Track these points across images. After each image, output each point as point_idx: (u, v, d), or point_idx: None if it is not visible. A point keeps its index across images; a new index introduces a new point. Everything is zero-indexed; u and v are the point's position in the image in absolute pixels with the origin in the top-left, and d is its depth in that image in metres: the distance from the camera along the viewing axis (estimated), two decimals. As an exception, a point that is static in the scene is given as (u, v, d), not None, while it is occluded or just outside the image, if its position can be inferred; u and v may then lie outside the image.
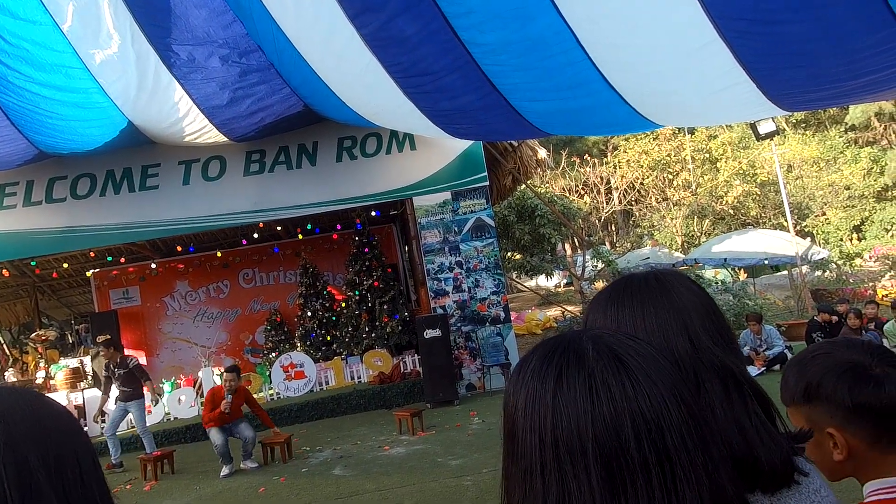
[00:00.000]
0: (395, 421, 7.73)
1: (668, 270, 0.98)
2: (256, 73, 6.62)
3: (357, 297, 12.27)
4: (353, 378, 10.77)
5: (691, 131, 21.51)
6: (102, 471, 0.73)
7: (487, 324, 9.83)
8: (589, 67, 5.01)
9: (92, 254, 12.50)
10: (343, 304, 12.66)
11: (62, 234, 9.32)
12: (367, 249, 12.37)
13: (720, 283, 13.57)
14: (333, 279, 13.51)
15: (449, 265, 9.92)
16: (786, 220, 16.00)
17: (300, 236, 13.20)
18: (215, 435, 6.77)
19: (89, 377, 12.05)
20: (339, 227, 13.08)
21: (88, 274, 13.71)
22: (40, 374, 12.29)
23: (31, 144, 7.18)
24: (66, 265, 13.16)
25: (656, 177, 21.65)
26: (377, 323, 12.00)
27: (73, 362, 12.78)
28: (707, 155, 22.24)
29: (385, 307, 12.00)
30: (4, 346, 16.17)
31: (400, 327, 11.83)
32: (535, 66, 5.14)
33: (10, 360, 14.52)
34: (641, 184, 21.95)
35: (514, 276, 18.55)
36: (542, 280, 20.56)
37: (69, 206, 9.34)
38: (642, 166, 21.44)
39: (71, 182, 9.33)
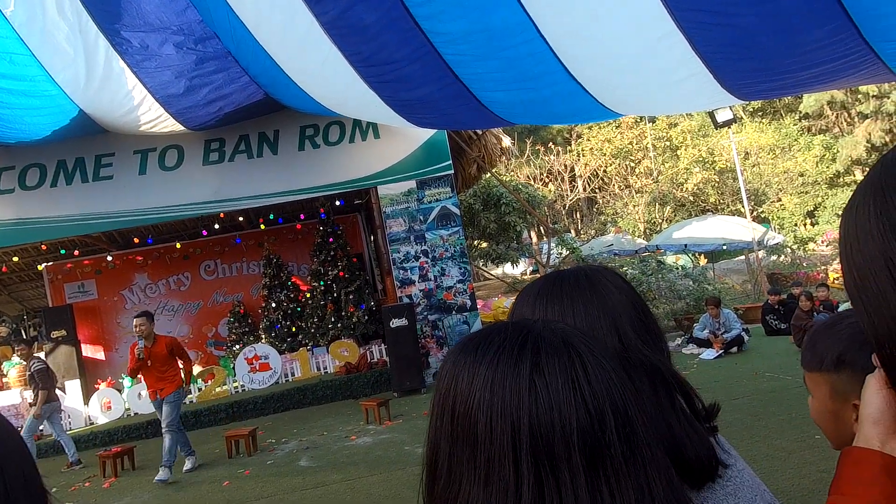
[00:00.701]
0: (361, 411, 7.72)
1: (598, 267, 0.97)
2: (213, 60, 6.45)
3: (322, 288, 12.16)
4: (319, 369, 10.71)
5: (652, 120, 21.86)
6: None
7: (454, 312, 9.87)
8: (550, 58, 5.03)
9: (44, 247, 12.06)
10: (308, 295, 12.54)
11: (11, 226, 8.98)
12: (331, 239, 12.25)
13: (681, 268, 13.89)
14: (298, 269, 13.35)
15: (415, 254, 9.91)
16: (743, 207, 16.44)
17: (263, 226, 12.99)
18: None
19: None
20: (302, 216, 12.92)
21: (40, 268, 13.25)
22: (-8, 372, 11.87)
23: (-25, 134, 6.88)
24: (15, 258, 12.68)
25: (619, 165, 21.98)
26: (343, 313, 11.93)
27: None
28: (668, 143, 22.66)
29: (351, 297, 11.93)
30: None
31: (366, 317, 11.79)
32: (497, 56, 5.14)
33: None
34: (604, 171, 22.26)
35: (481, 264, 18.65)
36: (508, 268, 20.72)
37: (17, 197, 9.00)
38: (605, 154, 21.73)
39: (19, 172, 8.98)
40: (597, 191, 23.54)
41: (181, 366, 6.65)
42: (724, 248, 15.26)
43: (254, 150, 9.48)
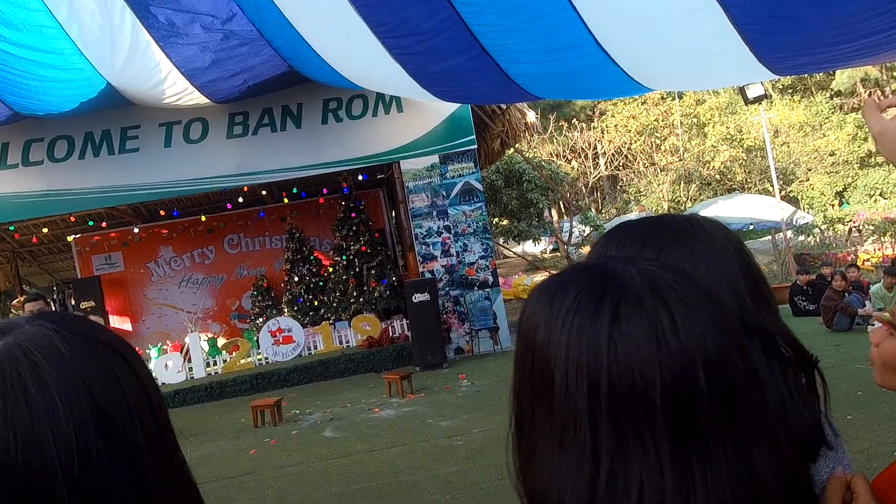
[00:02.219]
0: (384, 384, 7.80)
1: (706, 218, 0.86)
2: (239, 35, 6.42)
3: (344, 262, 12.23)
4: (341, 342, 10.82)
5: (680, 96, 21.41)
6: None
7: (476, 288, 9.88)
8: (580, 29, 4.91)
9: (72, 218, 12.27)
10: (330, 270, 12.63)
11: (40, 198, 9.13)
12: (353, 214, 12.28)
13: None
14: (320, 244, 13.43)
15: (437, 229, 9.89)
16: (771, 186, 16.11)
17: (286, 200, 13.05)
18: None
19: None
20: (325, 191, 12.94)
21: (69, 239, 13.50)
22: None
23: (5, 105, 6.95)
24: (45, 230, 12.93)
25: (644, 142, 21.64)
26: (365, 288, 12.00)
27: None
28: (695, 120, 22.20)
29: (373, 272, 11.99)
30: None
31: (388, 292, 11.85)
32: (525, 27, 5.03)
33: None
34: (629, 149, 21.93)
35: (501, 241, 18.59)
36: (528, 246, 20.63)
37: (46, 169, 9.13)
38: (630, 131, 21.39)
39: (48, 144, 9.10)
40: (620, 168, 23.23)
41: None
42: (752, 227, 15.01)
43: (277, 124, 9.48)
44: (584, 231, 15.13)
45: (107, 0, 5.57)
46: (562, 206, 23.29)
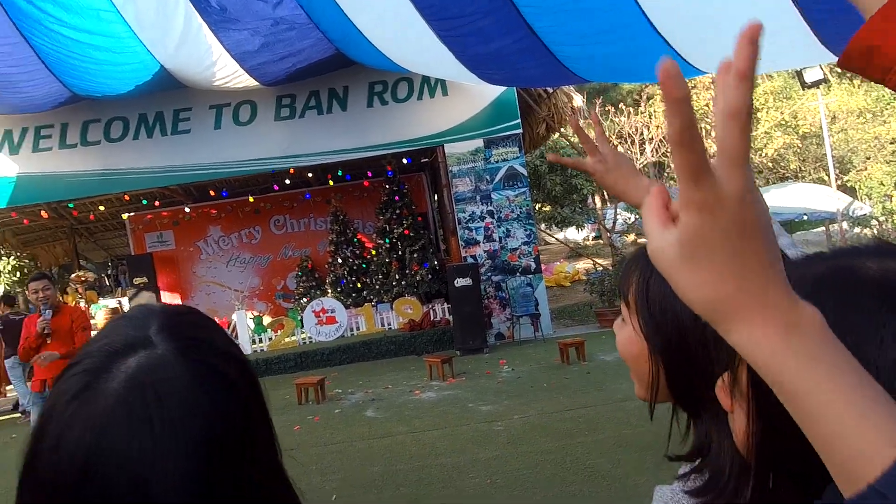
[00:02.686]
0: (425, 367, 7.87)
1: None
2: (287, 19, 6.48)
3: (387, 245, 12.33)
4: (383, 324, 10.95)
5: (732, 79, 20.64)
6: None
7: (518, 274, 9.82)
8: (632, 8, 4.78)
9: (126, 197, 12.71)
10: (373, 252, 12.76)
11: (97, 176, 9.47)
12: (397, 197, 12.34)
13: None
14: (363, 227, 13.56)
15: (480, 214, 9.86)
16: (827, 174, 15.45)
17: (331, 183, 13.20)
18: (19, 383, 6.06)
19: (128, 317, 12.47)
20: (370, 174, 13.03)
21: (124, 217, 13.99)
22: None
23: (65, 87, 7.21)
24: (101, 208, 13.44)
25: (693, 127, 21.00)
26: (407, 271, 12.08)
27: (111, 303, 13.26)
28: (748, 105, 21.39)
29: (415, 255, 12.05)
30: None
31: (430, 276, 11.91)
32: (576, 6, 4.92)
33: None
34: (677, 134, 21.32)
35: (543, 227, 18.41)
36: (570, 233, 20.38)
37: (103, 149, 9.45)
38: (679, 116, 20.77)
39: (104, 125, 9.41)
40: (667, 155, 22.63)
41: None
42: (805, 217, 14.44)
43: (324, 107, 9.56)
44: (628, 218, 14.83)
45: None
46: (605, 192, 22.87)
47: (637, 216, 13.40)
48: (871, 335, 0.46)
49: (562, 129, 11.24)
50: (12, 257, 15.62)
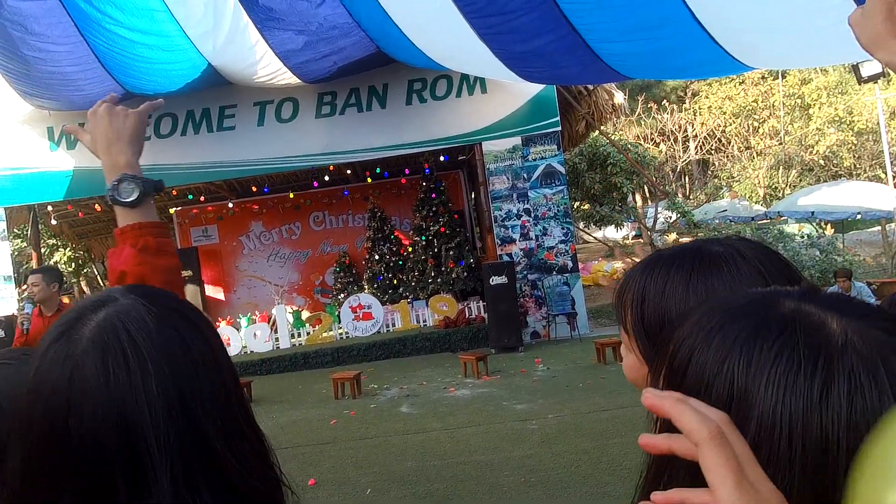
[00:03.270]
0: (460, 364, 7.89)
1: (746, 241, 0.78)
2: (330, 18, 6.57)
3: (423, 243, 12.39)
4: (418, 321, 11.02)
5: (783, 75, 19.99)
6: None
7: (554, 273, 9.75)
8: (677, 4, 4.68)
9: (174, 192, 13.10)
10: (410, 249, 12.84)
11: (147, 171, 9.68)
12: (434, 195, 12.39)
13: (805, 237, 12.83)
14: (400, 224, 13.67)
15: (517, 212, 9.81)
16: (884, 172, 14.82)
17: (369, 180, 13.34)
18: None
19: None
20: (407, 171, 13.12)
21: (171, 211, 14.42)
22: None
23: (119, 85, 7.47)
24: (151, 203, 13.86)
25: (740, 124, 20.40)
26: (443, 268, 12.13)
27: (159, 295, 13.68)
28: (799, 101, 20.68)
29: (451, 253, 12.08)
30: (98, 277, 17.47)
31: (465, 273, 11.92)
32: (618, 3, 4.85)
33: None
34: (723, 132, 20.76)
35: (581, 225, 18.20)
36: (609, 231, 20.09)
37: (152, 144, 9.75)
38: (725, 113, 20.22)
39: (155, 121, 9.71)
40: (712, 152, 22.07)
41: None
42: (859, 216, 13.87)
43: (363, 104, 9.67)
44: (670, 217, 14.52)
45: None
46: (646, 190, 22.47)
47: (679, 215, 13.13)
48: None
49: (602, 127, 11.09)
50: (68, 248, 16.30)
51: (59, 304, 4.47)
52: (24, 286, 4.57)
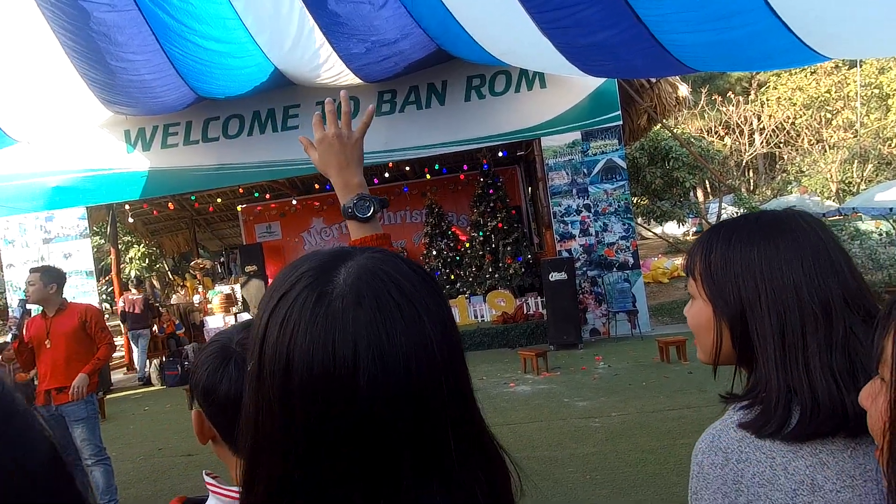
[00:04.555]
0: (519, 360, 7.89)
1: (801, 212, 0.94)
2: (391, 19, 6.67)
3: (481, 238, 12.42)
4: (476, 317, 11.06)
5: (859, 64, 18.94)
6: None
7: (615, 269, 9.60)
8: (751, -8, 4.53)
9: (241, 190, 13.60)
10: (467, 245, 12.90)
11: (216, 170, 10.21)
12: (491, 191, 12.40)
13: (883, 234, 12.15)
14: (457, 220, 13.74)
15: (576, 208, 9.71)
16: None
17: (427, 176, 13.46)
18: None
19: (239, 303, 13.39)
20: (465, 167, 13.17)
21: (239, 209, 14.98)
22: (197, 298, 13.84)
23: (192, 90, 7.83)
24: (219, 200, 14.46)
25: (811, 116, 19.47)
26: (500, 264, 12.13)
27: (225, 289, 14.25)
28: (876, 91, 19.56)
29: (509, 249, 12.07)
30: (168, 273, 18.32)
31: (523, 269, 11.89)
32: (690, -7, 4.73)
33: (174, 285, 16.45)
34: (792, 124, 19.86)
35: (640, 221, 17.80)
36: (668, 227, 19.58)
37: (220, 145, 10.17)
38: (795, 104, 19.33)
39: (223, 123, 10.11)
40: (780, 145, 21.15)
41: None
42: (942, 213, 13.02)
43: (422, 101, 9.77)
44: (735, 213, 14.05)
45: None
46: (708, 185, 21.76)
47: (745, 210, 12.66)
48: None
49: (664, 121, 10.82)
50: (142, 245, 17.15)
51: (60, 304, 4.18)
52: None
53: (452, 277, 12.83)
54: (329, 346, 0.53)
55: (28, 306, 4.07)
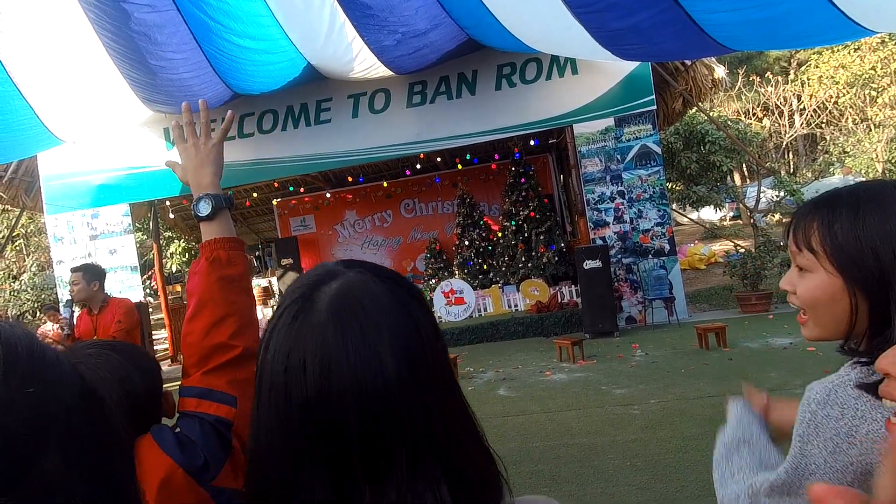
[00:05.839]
0: (554, 348, 7.87)
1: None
2: (423, 9, 6.68)
3: (513, 228, 12.39)
4: (510, 306, 11.06)
5: (906, 37, 18.17)
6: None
7: (650, 256, 9.48)
8: (793, -33, 4.40)
9: (276, 184, 13.81)
10: (499, 234, 12.88)
11: (251, 166, 10.39)
12: (523, 180, 12.35)
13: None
14: (489, 209, 13.72)
15: (610, 195, 9.60)
16: None
17: (459, 166, 13.47)
18: None
19: (276, 295, 13.65)
20: (496, 156, 13.13)
21: (274, 202, 15.23)
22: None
23: (228, 87, 7.98)
24: (255, 194, 14.72)
25: (855, 94, 18.78)
26: (533, 253, 12.08)
27: (262, 282, 14.54)
28: (925, 65, 18.72)
29: (541, 237, 12.02)
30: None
31: (556, 258, 11.83)
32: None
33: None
34: (834, 103, 19.20)
35: (675, 207, 17.48)
36: (704, 212, 19.18)
37: (256, 140, 10.34)
38: (838, 83, 18.67)
39: (258, 118, 10.28)
40: (822, 126, 20.47)
41: None
42: None
43: (453, 92, 9.76)
44: (776, 196, 13.67)
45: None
46: (745, 169, 21.21)
47: (787, 193, 12.33)
48: None
49: (700, 104, 10.58)
50: (182, 240, 17.59)
51: (104, 301, 4.29)
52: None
53: (485, 267, 12.84)
54: (286, 355, 0.64)
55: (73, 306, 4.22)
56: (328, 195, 14.56)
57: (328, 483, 0.62)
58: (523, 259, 12.22)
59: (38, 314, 16.91)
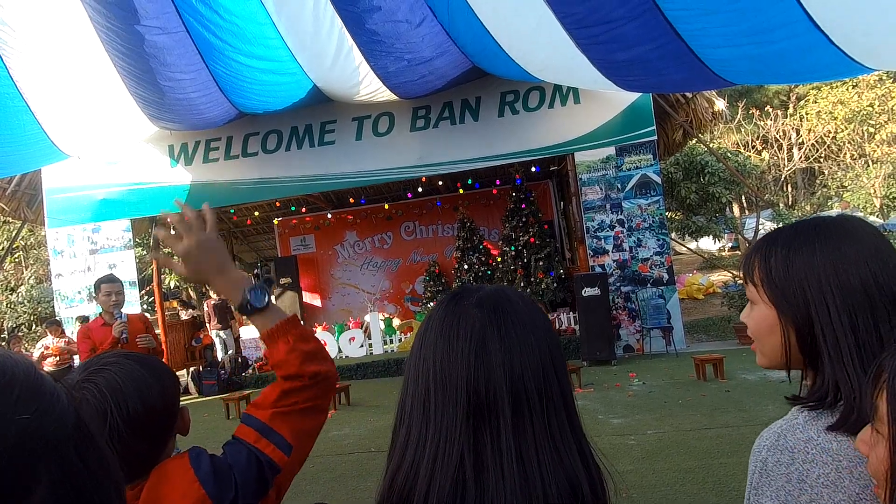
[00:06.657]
0: (551, 375, 7.82)
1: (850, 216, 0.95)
2: (429, 37, 6.79)
3: (513, 253, 12.41)
4: (507, 331, 11.01)
5: (904, 75, 18.46)
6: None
7: (649, 285, 9.49)
8: (792, 6, 4.49)
9: (277, 203, 13.86)
10: (499, 259, 12.89)
11: (254, 185, 10.46)
12: (523, 205, 12.39)
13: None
14: (489, 234, 13.76)
15: (610, 223, 9.65)
16: None
17: (461, 191, 13.54)
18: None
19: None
20: (498, 182, 13.21)
21: (275, 222, 15.26)
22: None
23: (234, 106, 8.07)
24: (256, 213, 14.77)
25: (853, 130, 19.00)
26: (532, 279, 12.08)
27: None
28: (922, 103, 18.98)
29: (541, 263, 12.03)
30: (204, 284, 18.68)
31: (555, 284, 11.82)
32: (728, 8, 4.72)
33: (210, 295, 16.78)
34: (833, 138, 19.41)
35: (674, 236, 17.55)
36: (703, 242, 19.25)
37: (260, 159, 10.42)
38: (836, 118, 18.90)
39: (262, 138, 10.37)
40: (821, 160, 20.67)
41: None
42: None
43: (457, 117, 9.87)
44: (773, 228, 13.79)
45: (319, 11, 6.21)
46: (744, 200, 21.35)
47: (784, 224, 12.38)
48: None
49: (700, 135, 10.70)
50: (180, 256, 17.49)
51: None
52: (106, 295, 4.37)
53: (484, 291, 12.82)
54: (447, 338, 0.78)
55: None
56: (329, 215, 14.62)
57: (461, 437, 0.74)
58: (522, 284, 12.21)
59: (34, 326, 16.82)
